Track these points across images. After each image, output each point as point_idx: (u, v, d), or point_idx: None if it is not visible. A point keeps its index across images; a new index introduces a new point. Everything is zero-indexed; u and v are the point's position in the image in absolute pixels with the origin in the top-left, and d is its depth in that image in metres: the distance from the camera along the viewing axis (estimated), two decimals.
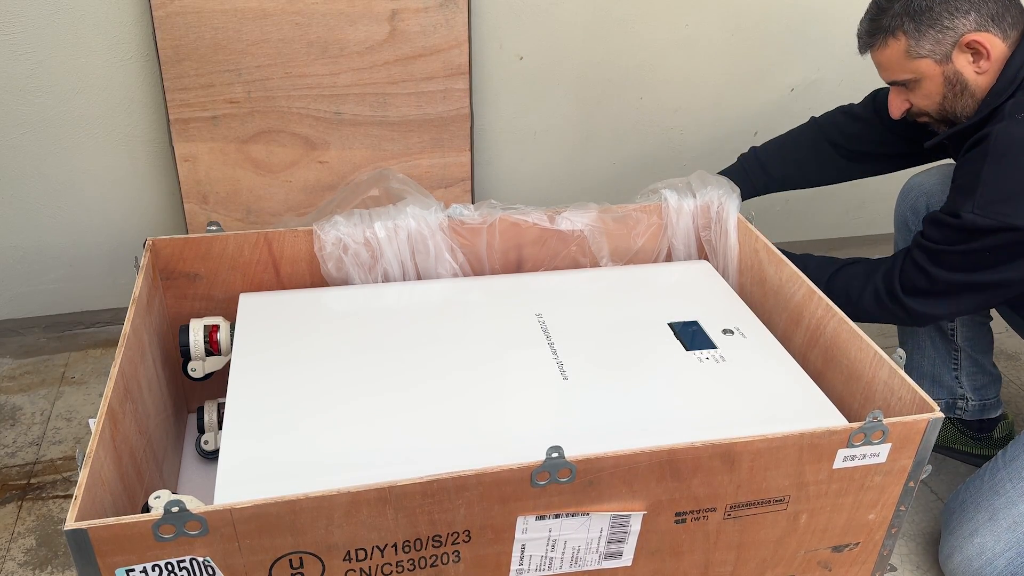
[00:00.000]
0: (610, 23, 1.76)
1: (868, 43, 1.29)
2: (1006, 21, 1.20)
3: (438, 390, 1.05)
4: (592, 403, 1.04)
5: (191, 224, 1.67)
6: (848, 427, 0.93)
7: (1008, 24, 1.20)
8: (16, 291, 1.74)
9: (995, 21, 1.19)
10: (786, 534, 1.01)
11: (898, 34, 1.23)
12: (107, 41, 1.53)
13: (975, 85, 1.22)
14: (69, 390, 1.67)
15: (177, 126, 1.58)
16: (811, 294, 1.19)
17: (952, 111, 1.26)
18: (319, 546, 0.85)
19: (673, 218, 1.40)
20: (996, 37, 1.20)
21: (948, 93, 1.24)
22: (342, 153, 1.68)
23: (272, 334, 1.15)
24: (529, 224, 1.35)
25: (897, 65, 1.26)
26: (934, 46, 1.21)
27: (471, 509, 0.87)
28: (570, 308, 1.23)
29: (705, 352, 1.14)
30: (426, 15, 1.59)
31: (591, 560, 0.96)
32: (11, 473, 1.47)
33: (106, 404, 0.92)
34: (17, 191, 1.63)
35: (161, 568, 0.81)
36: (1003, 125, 1.16)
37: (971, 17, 1.19)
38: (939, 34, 1.20)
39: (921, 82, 1.25)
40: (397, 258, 1.29)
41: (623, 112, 1.87)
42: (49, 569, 1.29)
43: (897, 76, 1.27)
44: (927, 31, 1.21)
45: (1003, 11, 1.20)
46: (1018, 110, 1.17)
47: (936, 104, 1.27)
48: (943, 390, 1.54)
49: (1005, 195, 1.14)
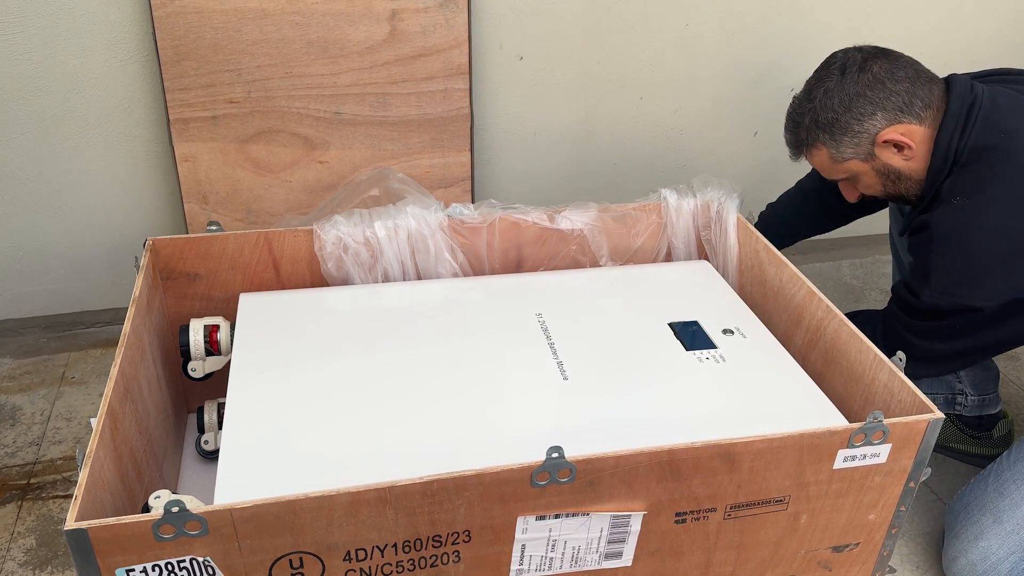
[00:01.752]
0: (610, 23, 1.76)
1: (796, 153, 1.32)
2: (916, 106, 1.19)
3: (438, 390, 1.05)
4: (592, 403, 1.04)
5: (191, 224, 1.67)
6: (848, 427, 0.93)
7: (920, 108, 1.19)
8: (16, 291, 1.74)
9: (904, 111, 1.19)
10: (786, 534, 1.01)
11: (818, 145, 1.26)
12: (107, 41, 1.53)
13: (909, 170, 1.24)
14: (69, 390, 1.67)
15: (177, 126, 1.58)
16: (811, 295, 1.19)
17: (898, 194, 1.28)
18: (319, 546, 0.85)
19: (673, 217, 1.40)
20: (912, 125, 1.20)
21: (886, 182, 1.27)
22: (342, 153, 1.68)
23: (272, 334, 1.15)
24: (529, 223, 1.35)
25: (829, 168, 1.29)
26: (855, 149, 1.23)
27: (471, 509, 0.87)
28: (570, 308, 1.23)
29: (705, 352, 1.14)
30: (426, 15, 1.59)
31: (591, 560, 0.96)
32: (11, 473, 1.47)
33: (106, 404, 0.92)
34: (17, 191, 1.63)
35: (161, 568, 0.81)
36: (940, 211, 1.18)
37: (878, 116, 1.20)
38: (855, 138, 1.22)
39: (858, 177, 1.28)
40: (397, 258, 1.29)
41: (623, 112, 1.87)
42: (49, 569, 1.29)
43: (835, 176, 1.31)
44: (842, 138, 1.22)
45: (909, 99, 1.19)
46: (953, 193, 1.18)
47: (880, 191, 1.29)
48: (942, 385, 1.54)
49: (956, 280, 1.18)
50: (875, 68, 1.20)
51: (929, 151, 1.21)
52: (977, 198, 1.16)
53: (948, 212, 1.17)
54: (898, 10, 1.89)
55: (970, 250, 1.17)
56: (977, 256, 1.17)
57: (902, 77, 1.20)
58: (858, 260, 2.24)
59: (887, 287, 1.62)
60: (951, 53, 1.98)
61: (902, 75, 1.20)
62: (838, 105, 1.21)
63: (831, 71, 1.23)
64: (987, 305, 1.17)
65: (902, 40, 1.93)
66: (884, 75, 1.19)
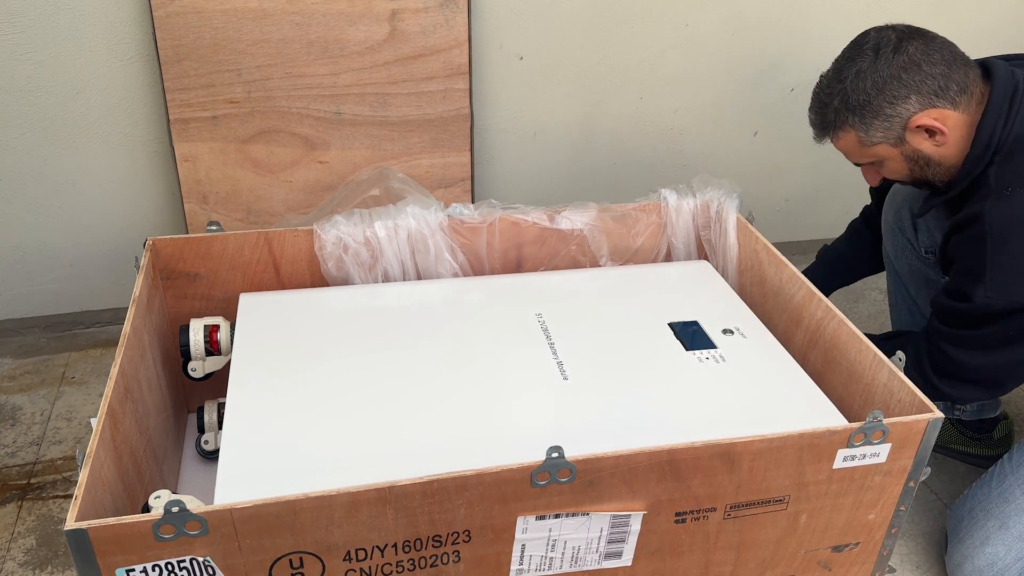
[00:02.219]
0: (610, 23, 1.76)
1: (822, 135, 1.27)
2: (951, 91, 1.14)
3: (438, 390, 1.05)
4: (592, 403, 1.04)
5: (191, 224, 1.67)
6: (848, 427, 0.93)
7: (955, 92, 1.15)
8: (16, 291, 1.74)
9: (940, 95, 1.14)
10: (786, 534, 1.01)
11: (846, 128, 1.20)
12: (107, 41, 1.53)
13: (940, 156, 1.19)
14: (69, 390, 1.67)
15: (177, 126, 1.58)
16: (811, 295, 1.19)
17: (924, 179, 1.24)
18: (319, 546, 0.85)
19: (673, 217, 1.40)
20: (946, 110, 1.15)
21: (914, 167, 1.22)
22: (342, 153, 1.68)
23: (272, 334, 1.15)
24: (529, 223, 1.35)
25: (856, 152, 1.24)
26: (885, 133, 1.18)
27: (471, 509, 0.87)
28: (570, 308, 1.23)
29: (705, 352, 1.14)
30: (426, 15, 1.59)
31: (591, 560, 0.96)
32: (11, 473, 1.47)
33: (106, 404, 0.92)
34: (17, 191, 1.63)
35: (161, 568, 0.81)
36: (993, 204, 1.12)
37: (912, 100, 1.15)
38: (885, 122, 1.17)
39: (884, 162, 1.24)
40: (397, 258, 1.29)
41: (623, 112, 1.87)
42: (49, 569, 1.29)
43: (860, 160, 1.26)
44: (872, 122, 1.17)
45: (945, 83, 1.14)
46: (1003, 185, 1.12)
47: (906, 176, 1.25)
48: None
49: (1015, 276, 1.11)
50: (911, 49, 1.14)
51: (962, 137, 1.16)
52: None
53: (1001, 204, 1.11)
54: (898, 9, 1.89)
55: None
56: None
57: (938, 60, 1.14)
58: None
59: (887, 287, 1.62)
60: None
61: (938, 57, 1.14)
62: (871, 87, 1.15)
63: (864, 51, 1.17)
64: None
65: None
66: (920, 57, 1.14)
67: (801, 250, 2.08)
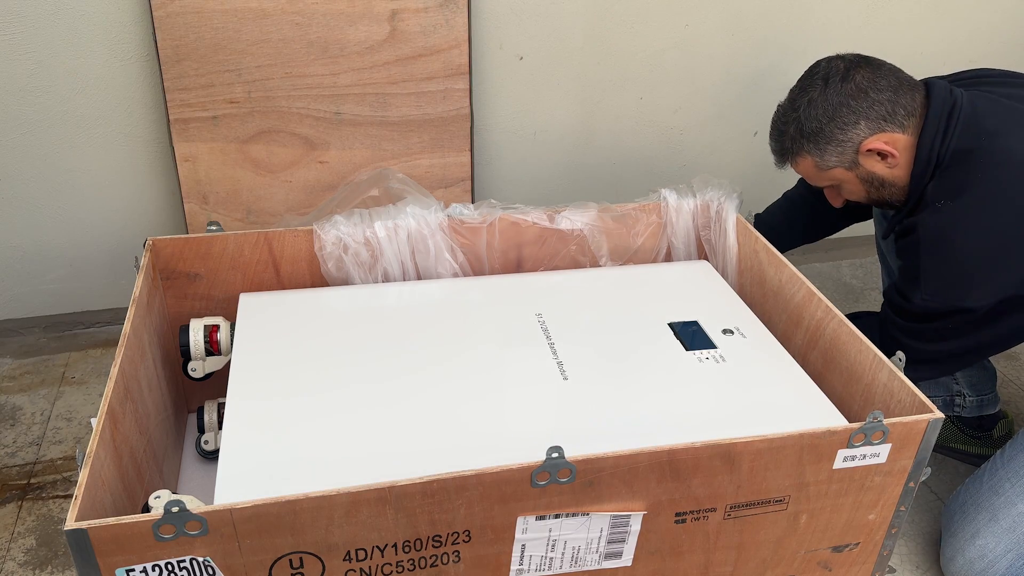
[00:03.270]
0: (610, 23, 1.76)
1: (781, 161, 1.33)
2: (899, 115, 1.20)
3: (438, 390, 1.05)
4: (592, 403, 1.04)
5: (191, 224, 1.67)
6: (848, 427, 0.93)
7: (902, 116, 1.20)
8: (16, 291, 1.74)
9: (888, 120, 1.20)
10: (786, 534, 1.01)
11: (803, 154, 1.26)
12: (107, 41, 1.53)
13: (893, 178, 1.24)
14: (69, 390, 1.67)
15: (177, 126, 1.58)
16: (811, 295, 1.19)
17: (882, 199, 1.29)
18: (319, 546, 0.85)
19: (673, 217, 1.40)
20: (895, 133, 1.20)
21: (871, 189, 1.27)
22: (342, 153, 1.68)
23: (272, 334, 1.15)
24: (529, 223, 1.35)
25: (814, 176, 1.30)
26: (839, 158, 1.24)
27: (471, 509, 0.87)
28: (570, 308, 1.23)
29: (705, 352, 1.14)
30: (426, 15, 1.59)
31: (591, 560, 0.96)
32: (11, 473, 1.47)
33: (106, 404, 0.92)
34: (17, 191, 1.63)
35: (161, 568, 0.81)
36: (927, 215, 1.19)
37: (861, 125, 1.20)
38: (839, 147, 1.23)
39: (842, 185, 1.29)
40: (397, 258, 1.29)
41: (623, 112, 1.87)
42: (49, 569, 1.29)
43: (819, 184, 1.32)
44: (826, 147, 1.23)
45: (892, 108, 1.20)
46: (937, 197, 1.18)
47: (864, 197, 1.30)
48: (940, 388, 1.54)
49: (947, 282, 1.18)
50: (858, 77, 1.20)
51: (912, 158, 1.21)
52: (962, 200, 1.16)
53: (934, 215, 1.18)
54: (898, 9, 1.89)
55: (958, 252, 1.17)
56: (965, 257, 1.17)
57: (884, 86, 1.20)
58: (858, 260, 2.24)
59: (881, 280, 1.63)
60: (950, 52, 1.99)
61: (884, 84, 1.20)
62: (822, 115, 1.22)
63: (814, 81, 1.24)
64: (979, 305, 1.18)
65: (902, 39, 1.93)
66: (867, 84, 1.20)
67: (801, 250, 2.08)
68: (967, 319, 1.19)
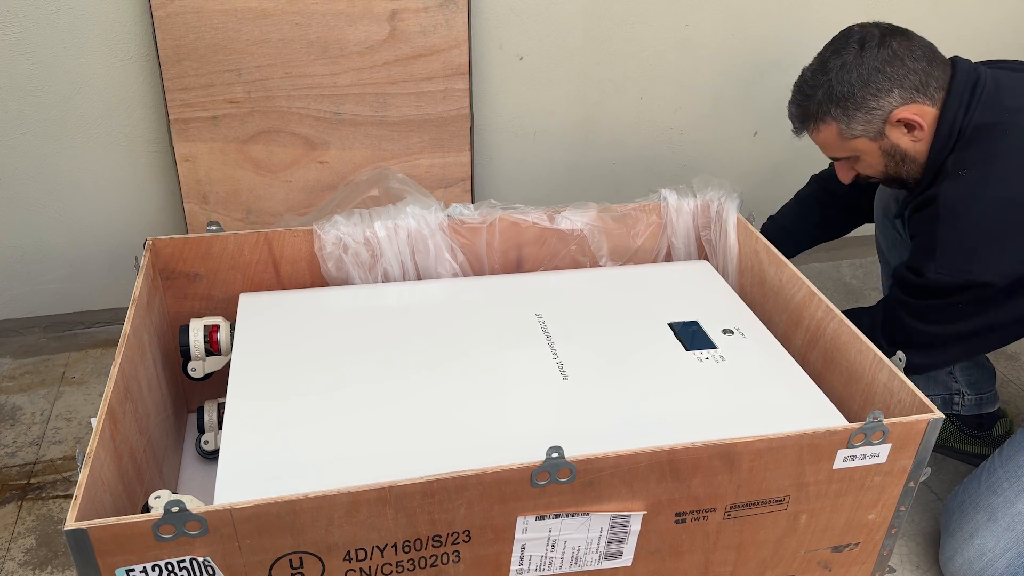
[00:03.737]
0: (610, 23, 1.76)
1: (801, 128, 1.30)
2: (931, 87, 1.18)
3: (438, 390, 1.05)
4: (592, 403, 1.04)
5: (191, 224, 1.67)
6: (848, 427, 0.93)
7: (934, 88, 1.19)
8: (16, 291, 1.74)
9: (920, 91, 1.18)
10: (786, 534, 1.01)
11: (828, 120, 1.23)
12: (107, 41, 1.53)
13: (915, 151, 1.22)
14: (69, 390, 1.67)
15: (177, 126, 1.58)
16: (811, 295, 1.19)
17: (898, 175, 1.27)
18: (319, 546, 0.85)
19: (673, 217, 1.40)
20: (925, 105, 1.19)
21: (890, 163, 1.25)
22: (342, 153, 1.68)
23: (272, 334, 1.15)
24: (529, 223, 1.35)
25: (834, 146, 1.27)
26: (865, 126, 1.21)
27: (471, 509, 0.87)
28: (570, 308, 1.23)
29: (705, 352, 1.14)
30: (426, 15, 1.59)
31: (591, 560, 0.96)
32: (11, 473, 1.47)
33: (106, 404, 0.92)
34: (17, 191, 1.63)
35: (161, 568, 0.81)
36: (948, 184, 1.16)
37: (895, 94, 1.18)
38: (867, 115, 1.20)
39: (861, 157, 1.26)
40: (397, 258, 1.29)
41: (623, 112, 1.87)
42: (49, 569, 1.29)
43: (837, 155, 1.29)
44: (855, 114, 1.21)
45: (926, 78, 1.18)
46: (959, 167, 1.16)
47: (880, 172, 1.28)
48: (939, 386, 1.54)
49: (964, 253, 1.15)
50: (894, 44, 1.18)
51: (934, 133, 1.20)
52: (984, 170, 1.14)
53: (955, 183, 1.15)
54: (898, 9, 1.89)
55: (977, 222, 1.14)
56: (985, 228, 1.14)
57: (920, 56, 1.18)
58: (858, 260, 2.24)
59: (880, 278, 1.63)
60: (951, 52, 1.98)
61: (920, 54, 1.18)
62: (855, 79, 1.19)
63: (849, 44, 1.21)
64: (994, 280, 1.14)
65: None
66: (903, 52, 1.18)
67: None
68: (980, 295, 1.16)
